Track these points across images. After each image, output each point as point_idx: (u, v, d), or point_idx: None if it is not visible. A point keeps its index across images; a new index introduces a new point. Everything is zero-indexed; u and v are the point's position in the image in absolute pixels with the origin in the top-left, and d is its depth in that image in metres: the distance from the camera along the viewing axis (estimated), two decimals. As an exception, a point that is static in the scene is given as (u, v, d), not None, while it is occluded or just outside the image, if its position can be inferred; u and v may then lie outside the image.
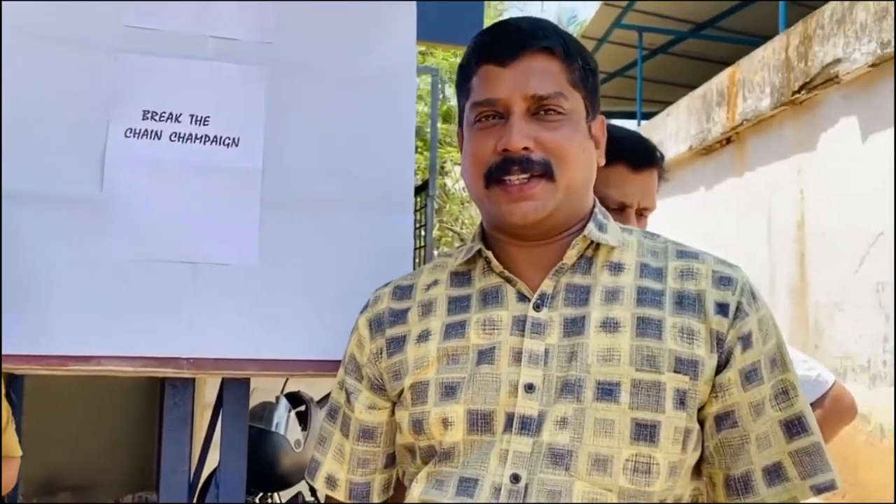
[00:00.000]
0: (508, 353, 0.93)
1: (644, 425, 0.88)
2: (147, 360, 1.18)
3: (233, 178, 1.24)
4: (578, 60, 0.97)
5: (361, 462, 1.04)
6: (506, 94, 0.94)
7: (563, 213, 0.96)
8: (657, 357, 0.90)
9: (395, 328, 1.02)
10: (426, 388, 0.95)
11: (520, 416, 0.90)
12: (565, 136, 0.94)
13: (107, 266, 1.18)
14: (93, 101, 1.21)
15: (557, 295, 0.95)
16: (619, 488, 0.87)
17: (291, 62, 1.29)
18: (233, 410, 1.27)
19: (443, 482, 0.91)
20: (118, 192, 1.20)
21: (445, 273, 1.04)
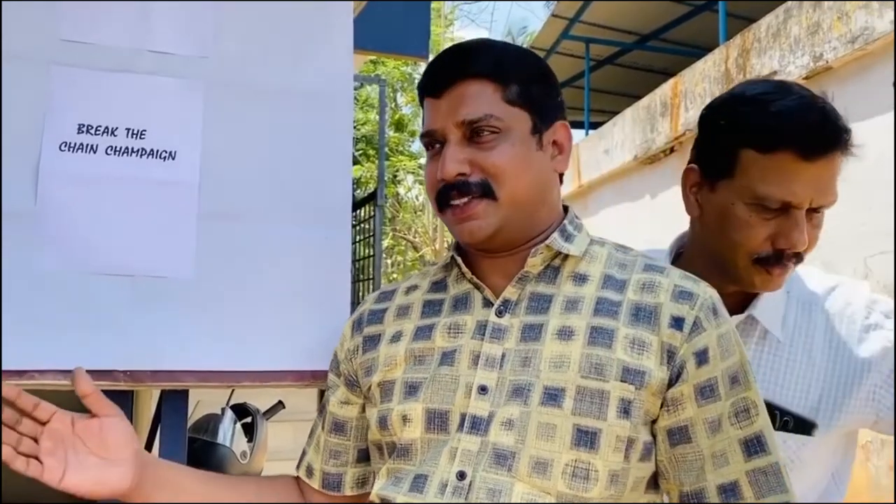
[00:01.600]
0: (468, 356, 0.98)
1: (585, 431, 0.90)
2: (83, 373, 1.18)
3: (169, 192, 1.24)
4: (515, 76, 1.00)
5: (333, 454, 1.11)
6: (440, 125, 0.99)
7: (514, 227, 0.99)
8: (605, 366, 0.92)
9: (371, 327, 1.09)
10: (393, 386, 1.01)
11: (471, 416, 0.94)
12: (501, 154, 0.97)
13: (41, 279, 1.18)
14: (27, 115, 1.20)
15: (521, 302, 0.99)
16: (557, 492, 0.89)
17: (228, 76, 1.30)
18: (171, 423, 1.27)
19: (400, 479, 0.96)
20: (52, 205, 1.20)
21: (427, 280, 1.11)
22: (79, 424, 0.95)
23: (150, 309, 1.21)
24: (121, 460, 0.97)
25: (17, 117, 1.20)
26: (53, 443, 0.92)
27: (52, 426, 0.93)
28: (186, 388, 1.27)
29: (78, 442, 0.94)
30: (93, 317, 1.19)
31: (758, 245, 1.11)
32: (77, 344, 1.18)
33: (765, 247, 1.11)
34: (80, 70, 1.24)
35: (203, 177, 1.26)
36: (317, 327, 1.25)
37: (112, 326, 1.20)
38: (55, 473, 0.91)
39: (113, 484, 0.96)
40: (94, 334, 1.19)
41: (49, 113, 1.21)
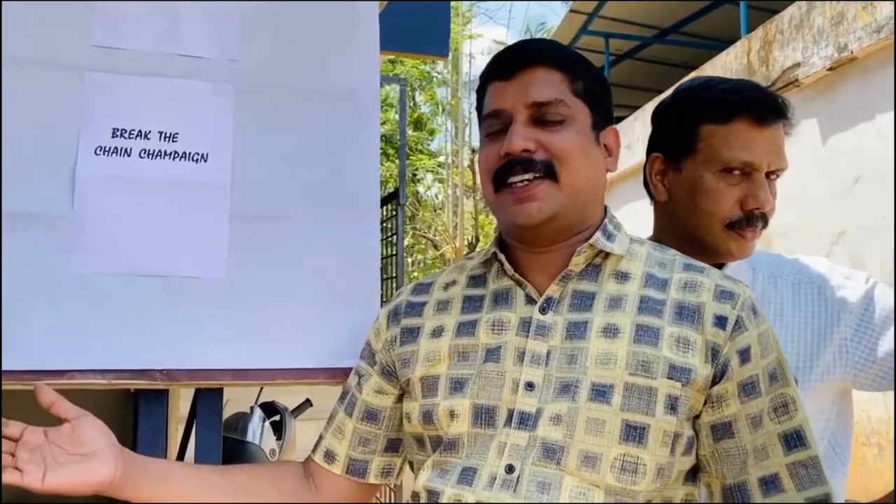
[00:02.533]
0: (513, 353, 1.00)
1: (634, 427, 0.93)
2: (120, 372, 1.20)
3: (201, 193, 1.27)
4: (582, 73, 1.05)
5: (362, 441, 1.12)
6: (509, 105, 1.02)
7: (568, 217, 1.02)
8: (652, 363, 0.95)
9: (410, 319, 1.10)
10: (437, 381, 1.03)
11: (519, 412, 0.96)
12: (566, 139, 1.01)
13: (79, 282, 1.21)
14: (63, 121, 1.23)
15: (564, 300, 1.02)
16: (606, 485, 0.92)
17: (257, 78, 1.32)
18: (206, 421, 1.29)
19: (447, 471, 0.98)
20: (89, 209, 1.22)
21: (464, 274, 1.12)
22: (51, 433, 0.96)
23: (185, 309, 1.23)
24: (97, 452, 0.97)
25: (54, 123, 1.23)
26: (29, 452, 0.93)
27: (25, 439, 0.94)
28: (221, 387, 1.29)
29: (54, 447, 0.95)
30: (129, 317, 1.21)
31: (728, 210, 1.21)
32: (114, 344, 1.20)
33: (735, 211, 1.21)
34: (114, 75, 1.26)
35: (234, 178, 1.28)
36: (348, 325, 1.27)
37: (148, 327, 1.22)
38: (35, 476, 0.91)
39: (95, 476, 0.96)
40: (131, 335, 1.21)
41: (84, 118, 1.24)
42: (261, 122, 1.31)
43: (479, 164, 1.07)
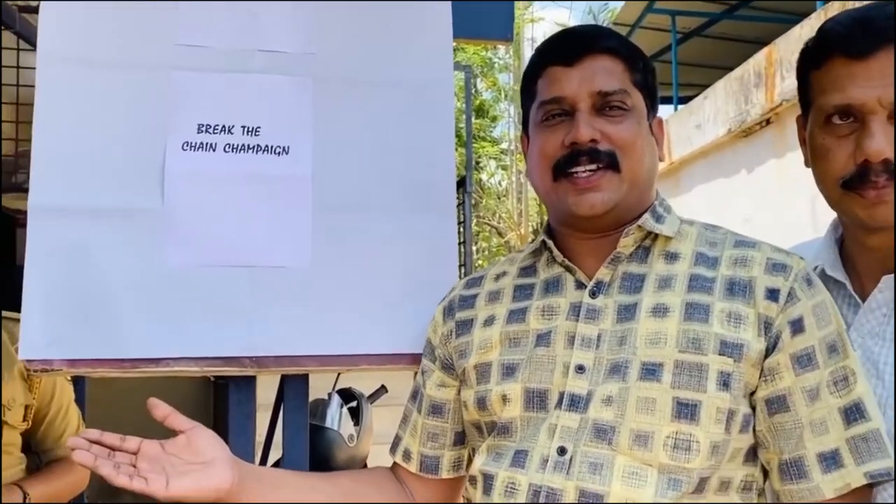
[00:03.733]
0: (564, 337, 1.01)
1: (685, 404, 0.93)
2: (212, 360, 1.25)
3: (284, 186, 1.30)
4: (640, 63, 1.05)
5: (431, 436, 1.14)
6: (572, 92, 1.01)
7: (626, 206, 1.02)
8: (702, 340, 0.94)
9: (463, 312, 1.13)
10: (489, 368, 1.04)
11: (569, 395, 0.97)
12: (629, 130, 1.01)
13: (171, 273, 1.25)
14: (151, 119, 1.27)
15: (614, 283, 1.02)
16: (659, 464, 0.92)
17: (334, 70, 1.34)
18: (294, 406, 1.34)
19: (501, 455, 1.00)
20: (178, 203, 1.27)
21: (515, 266, 1.13)
22: (168, 445, 1.00)
23: (271, 298, 1.27)
24: (214, 461, 1.00)
25: (143, 121, 1.28)
26: (149, 462, 0.97)
27: (143, 451, 0.98)
28: (307, 373, 1.32)
29: (172, 457, 0.98)
30: (219, 307, 1.26)
31: (840, 167, 1.05)
32: (205, 333, 1.25)
33: (847, 167, 1.04)
34: (197, 73, 1.30)
35: (315, 170, 1.31)
36: (428, 311, 1.28)
37: (236, 316, 1.26)
38: (159, 483, 0.94)
39: (214, 483, 0.98)
40: (221, 323, 1.26)
41: (171, 116, 1.28)
42: (339, 114, 1.33)
43: (534, 151, 1.06)
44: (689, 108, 6.54)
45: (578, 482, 0.92)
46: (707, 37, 9.06)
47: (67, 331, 1.21)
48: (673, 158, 6.51)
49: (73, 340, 1.21)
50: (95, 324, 1.23)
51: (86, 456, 0.93)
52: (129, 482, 0.93)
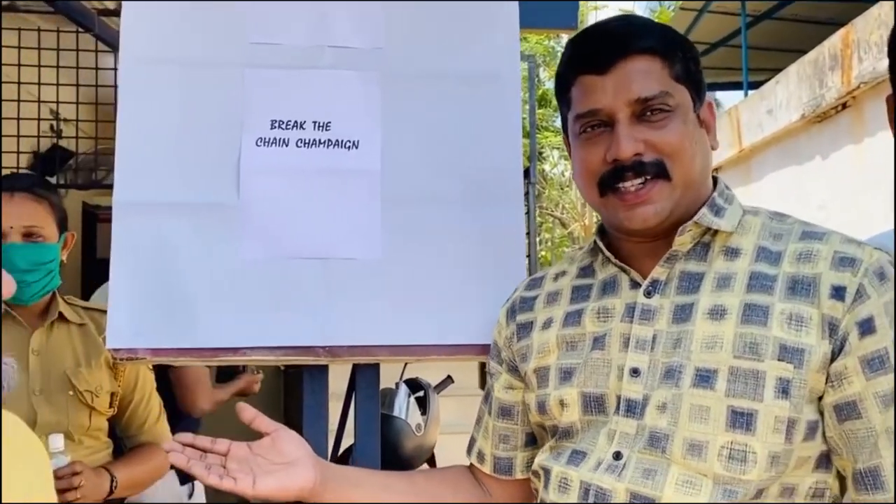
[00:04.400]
0: (619, 339, 0.97)
1: (740, 413, 0.88)
2: (287, 349, 1.29)
3: (354, 179, 1.33)
4: (679, 53, 0.97)
5: (502, 438, 1.13)
6: (608, 103, 0.95)
7: (681, 209, 0.97)
8: (760, 345, 0.89)
9: (523, 315, 1.11)
10: (548, 372, 1.03)
11: (626, 399, 0.95)
12: (675, 133, 0.95)
13: (247, 266, 1.30)
14: (226, 116, 1.32)
15: (671, 282, 0.97)
16: (714, 474, 0.88)
17: (402, 65, 1.36)
18: (365, 395, 1.36)
19: (560, 454, 0.99)
20: (253, 197, 1.31)
21: (575, 265, 1.10)
22: (254, 446, 1.03)
23: (343, 289, 1.30)
24: (297, 461, 1.02)
25: (219, 118, 1.32)
26: (238, 463, 1.00)
27: (232, 453, 1.01)
28: (378, 363, 1.35)
29: (258, 458, 1.01)
30: (293, 298, 1.30)
31: None
32: (280, 323, 1.29)
33: None
34: (270, 70, 1.34)
35: (384, 163, 1.33)
36: (496, 302, 1.29)
37: (309, 306, 1.30)
38: (246, 483, 0.98)
39: (298, 482, 1.01)
40: (295, 314, 1.29)
41: (245, 112, 1.32)
42: (407, 108, 1.35)
43: (576, 164, 1.01)
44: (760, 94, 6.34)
45: (630, 485, 0.91)
46: (778, 19, 8.76)
47: (151, 321, 1.27)
48: (743, 146, 6.33)
49: (156, 330, 1.27)
50: (177, 314, 1.28)
51: (180, 457, 0.98)
52: (219, 481, 0.97)
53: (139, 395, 1.82)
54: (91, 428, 1.69)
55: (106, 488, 1.64)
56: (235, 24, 1.35)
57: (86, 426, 1.68)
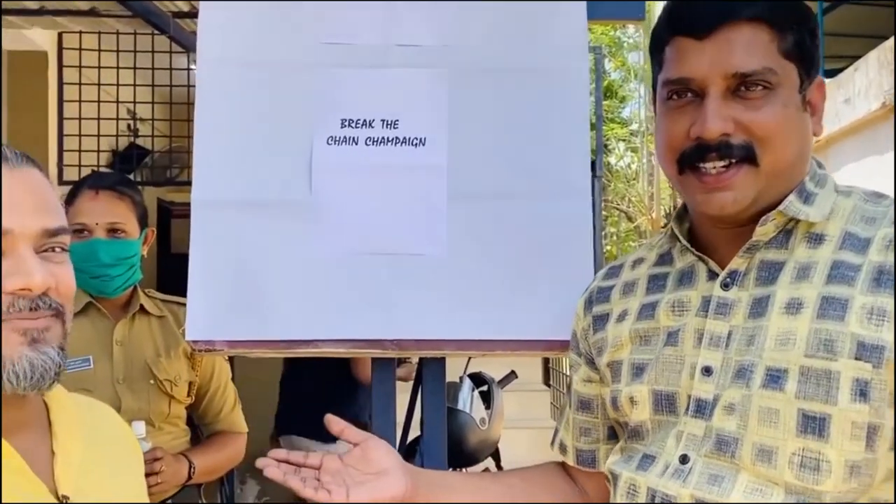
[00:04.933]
0: (693, 335, 0.92)
1: (812, 417, 0.81)
2: (357, 342, 1.32)
3: (421, 176, 1.35)
4: (793, 25, 0.88)
5: (583, 431, 1.10)
6: (702, 73, 0.86)
7: (766, 199, 0.88)
8: (835, 342, 0.82)
9: (600, 306, 1.06)
10: (620, 366, 0.99)
11: (696, 399, 0.90)
12: (771, 116, 0.86)
13: (318, 260, 1.33)
14: (299, 116, 1.35)
15: (750, 272, 0.90)
16: (786, 483, 0.83)
17: (469, 61, 1.37)
18: (432, 389, 1.39)
19: (631, 458, 0.96)
20: (324, 195, 1.34)
21: (654, 251, 1.04)
22: (346, 458, 1.03)
23: (411, 284, 1.33)
24: (388, 470, 1.02)
25: (292, 118, 1.36)
26: (331, 476, 1.00)
27: (326, 466, 1.02)
28: (444, 356, 1.37)
29: (350, 469, 1.02)
30: (363, 293, 1.33)
31: None
32: (351, 317, 1.32)
33: None
34: (341, 70, 1.37)
35: (450, 159, 1.35)
36: (563, 297, 1.29)
37: (379, 301, 1.33)
38: (340, 494, 0.97)
39: (390, 491, 1.01)
40: (364, 308, 1.33)
41: (317, 112, 1.36)
42: (474, 103, 1.36)
43: (658, 133, 0.93)
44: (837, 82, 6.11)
45: (695, 491, 0.86)
46: (858, 3, 8.42)
47: (227, 314, 1.32)
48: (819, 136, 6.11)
49: (232, 323, 1.32)
50: (252, 308, 1.32)
51: (275, 471, 1.00)
52: (314, 494, 0.98)
53: (215, 385, 1.89)
54: (171, 415, 1.77)
55: (184, 474, 1.71)
56: (308, 25, 1.38)
57: (166, 413, 1.75)
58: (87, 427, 0.92)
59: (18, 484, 0.79)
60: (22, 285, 0.78)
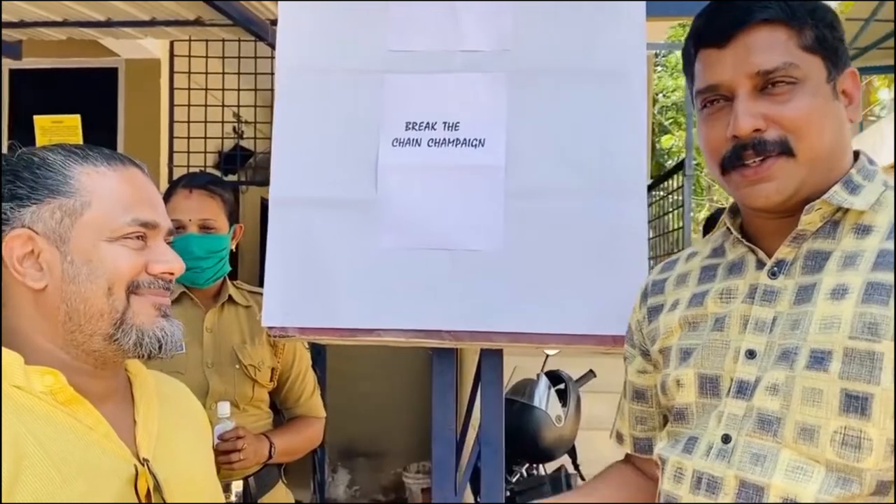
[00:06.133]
0: (739, 321, 0.96)
1: (855, 397, 0.84)
2: (416, 332, 1.40)
3: (480, 175, 1.41)
4: (809, 20, 0.93)
5: (639, 419, 1.14)
6: (728, 77, 0.93)
7: (809, 187, 0.92)
8: (879, 325, 0.85)
9: (654, 297, 1.11)
10: (670, 352, 1.04)
11: (738, 381, 0.94)
12: (800, 108, 0.91)
13: (384, 255, 1.42)
14: (367, 119, 1.45)
15: (797, 262, 0.94)
16: (827, 460, 0.86)
17: (528, 64, 1.43)
18: (489, 378, 1.45)
19: (678, 441, 0.99)
20: (389, 193, 1.43)
21: (708, 245, 1.09)
22: None
23: (468, 278, 1.39)
24: None
25: (360, 121, 1.45)
26: None
27: None
28: (501, 348, 1.43)
29: None
30: (423, 285, 1.40)
31: None
32: (410, 308, 1.40)
33: None
34: (406, 75, 1.45)
35: (508, 159, 1.41)
36: (616, 293, 1.32)
37: (437, 293, 1.40)
38: None
39: None
40: (424, 300, 1.40)
41: (383, 115, 1.44)
42: (531, 105, 1.41)
43: (701, 141, 1.00)
44: None
45: (739, 472, 0.90)
46: None
47: (299, 303, 1.42)
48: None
49: (304, 311, 1.42)
50: (322, 298, 1.42)
51: None
52: None
53: (296, 372, 2.01)
54: (254, 398, 1.90)
55: (265, 453, 1.83)
56: (377, 34, 1.47)
57: (249, 396, 1.88)
58: (164, 400, 1.03)
59: (107, 447, 0.91)
60: (168, 269, 0.96)
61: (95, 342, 0.92)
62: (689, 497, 0.94)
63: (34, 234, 0.90)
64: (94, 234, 0.91)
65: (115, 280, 0.91)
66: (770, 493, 0.87)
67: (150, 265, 0.94)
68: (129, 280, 0.92)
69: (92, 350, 0.92)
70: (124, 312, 0.92)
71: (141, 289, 0.93)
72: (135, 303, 0.93)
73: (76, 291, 0.90)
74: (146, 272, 0.94)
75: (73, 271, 0.90)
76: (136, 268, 0.93)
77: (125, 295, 0.92)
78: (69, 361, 0.92)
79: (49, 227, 0.91)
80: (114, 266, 0.91)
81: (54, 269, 0.91)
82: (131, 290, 0.93)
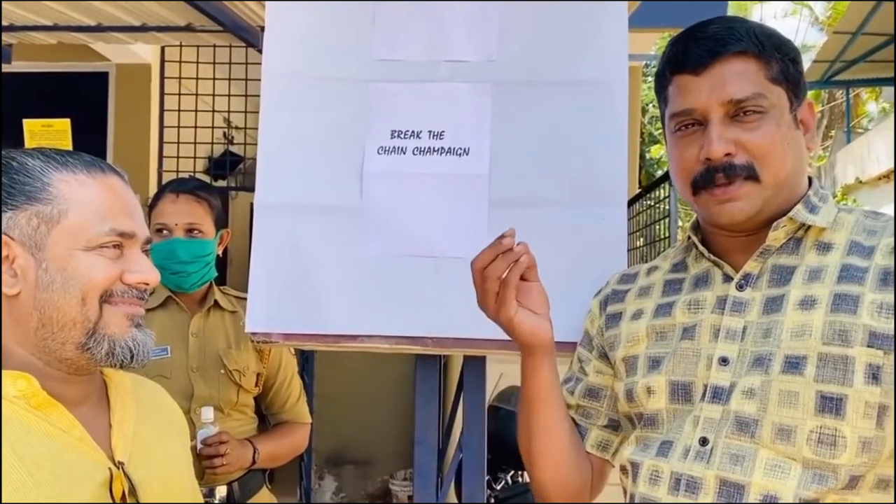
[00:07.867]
0: (709, 330, 1.01)
1: (829, 398, 0.90)
2: (400, 338, 1.41)
3: (464, 184, 1.43)
4: (776, 54, 1.00)
5: (585, 413, 1.17)
6: (702, 103, 0.99)
7: (772, 208, 1.00)
8: (849, 332, 0.91)
9: (613, 306, 1.16)
10: (636, 361, 1.08)
11: (712, 386, 0.98)
12: (767, 136, 0.97)
13: (366, 261, 1.43)
14: (352, 127, 1.46)
15: (763, 275, 1.00)
16: (803, 458, 0.91)
17: (513, 74, 1.45)
18: (472, 386, 1.46)
19: (648, 446, 1.03)
20: (373, 200, 1.44)
21: (668, 261, 1.15)
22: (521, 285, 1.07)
23: (452, 286, 1.40)
24: (544, 315, 1.09)
25: (345, 129, 1.47)
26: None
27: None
28: (484, 355, 1.44)
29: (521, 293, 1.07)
30: (407, 292, 1.42)
31: None
32: (394, 314, 1.41)
33: None
34: (392, 84, 1.47)
35: (492, 168, 1.42)
36: (596, 302, 1.34)
37: (421, 300, 1.41)
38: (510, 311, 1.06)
39: (543, 333, 1.08)
40: (408, 307, 1.41)
41: (369, 123, 1.46)
42: (515, 115, 1.43)
43: (672, 162, 1.05)
44: None
45: (719, 472, 0.94)
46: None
47: (283, 309, 1.43)
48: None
49: (287, 317, 1.43)
50: (306, 304, 1.43)
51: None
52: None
53: (282, 378, 2.02)
54: (238, 403, 1.90)
55: (249, 458, 1.84)
56: (363, 42, 1.49)
57: (234, 401, 1.89)
58: (140, 402, 1.04)
59: (81, 450, 0.91)
60: (143, 280, 0.95)
61: (68, 350, 0.91)
62: (668, 498, 0.97)
63: (10, 239, 0.90)
64: (70, 243, 0.91)
65: (88, 290, 0.91)
66: (751, 491, 0.92)
67: (125, 275, 0.94)
68: (102, 290, 0.92)
69: (64, 357, 0.92)
70: (97, 322, 0.92)
71: (114, 297, 0.93)
72: (107, 312, 0.92)
73: (49, 299, 0.90)
74: (121, 281, 0.93)
75: (48, 279, 0.90)
76: (111, 278, 0.92)
77: (98, 304, 0.92)
78: (42, 367, 0.92)
79: (25, 233, 0.90)
80: (88, 276, 0.91)
81: (28, 275, 0.90)
82: (104, 298, 0.92)
